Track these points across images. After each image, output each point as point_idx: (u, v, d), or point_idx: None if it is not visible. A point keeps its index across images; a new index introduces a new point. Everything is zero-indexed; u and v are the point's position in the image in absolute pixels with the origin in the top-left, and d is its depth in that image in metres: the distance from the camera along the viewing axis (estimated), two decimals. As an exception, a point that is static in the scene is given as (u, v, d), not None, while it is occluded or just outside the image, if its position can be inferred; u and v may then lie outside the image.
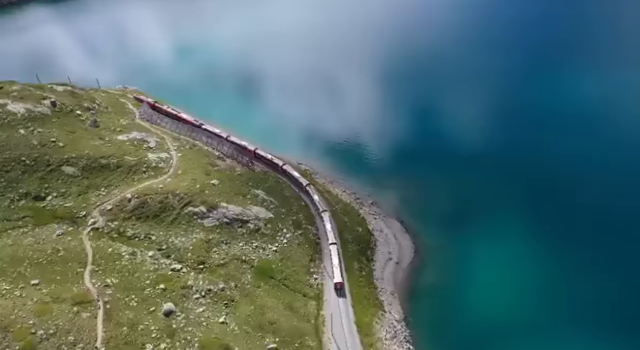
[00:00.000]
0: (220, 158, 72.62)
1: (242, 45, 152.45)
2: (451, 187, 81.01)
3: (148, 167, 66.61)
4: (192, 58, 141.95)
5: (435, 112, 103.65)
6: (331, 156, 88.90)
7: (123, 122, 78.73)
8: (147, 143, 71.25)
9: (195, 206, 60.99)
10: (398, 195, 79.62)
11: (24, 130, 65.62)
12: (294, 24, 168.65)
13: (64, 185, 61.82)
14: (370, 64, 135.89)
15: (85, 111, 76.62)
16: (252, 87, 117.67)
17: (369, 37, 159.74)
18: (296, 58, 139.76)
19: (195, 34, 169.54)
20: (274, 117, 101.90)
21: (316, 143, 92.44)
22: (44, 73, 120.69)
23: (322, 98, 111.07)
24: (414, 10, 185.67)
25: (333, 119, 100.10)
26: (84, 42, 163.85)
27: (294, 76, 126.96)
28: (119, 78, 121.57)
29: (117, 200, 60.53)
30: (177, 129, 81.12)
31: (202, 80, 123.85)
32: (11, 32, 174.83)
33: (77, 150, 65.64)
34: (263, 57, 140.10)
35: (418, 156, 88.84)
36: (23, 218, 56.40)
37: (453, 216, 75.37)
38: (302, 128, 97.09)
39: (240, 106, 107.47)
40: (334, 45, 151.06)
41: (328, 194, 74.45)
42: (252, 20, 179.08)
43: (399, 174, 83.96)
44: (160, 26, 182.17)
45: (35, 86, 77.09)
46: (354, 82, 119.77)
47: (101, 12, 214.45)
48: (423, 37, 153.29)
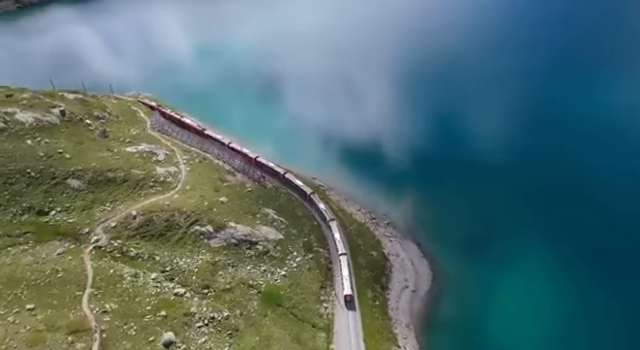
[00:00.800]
0: (230, 173, 70.27)
1: (262, 48, 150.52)
2: (473, 204, 77.33)
3: (156, 182, 64.60)
4: (210, 62, 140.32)
5: (456, 120, 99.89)
6: (347, 169, 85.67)
7: (133, 132, 77.10)
8: (156, 156, 69.32)
9: (202, 225, 58.66)
10: (416, 214, 76.13)
11: (31, 140, 64.29)
12: (315, 25, 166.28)
13: (69, 199, 60.14)
14: (390, 67, 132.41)
15: (95, 120, 75.21)
16: (270, 93, 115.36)
17: (390, 38, 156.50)
18: (315, 61, 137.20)
19: (215, 37, 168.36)
20: (290, 127, 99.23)
21: (332, 155, 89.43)
22: (60, 77, 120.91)
23: (340, 105, 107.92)
24: (435, 11, 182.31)
25: (350, 128, 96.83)
26: (102, 45, 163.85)
27: (313, 80, 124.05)
28: (135, 82, 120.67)
29: (122, 217, 58.56)
30: (188, 140, 79.23)
31: (219, 85, 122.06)
32: (32, 33, 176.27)
33: (84, 162, 64.02)
34: (283, 61, 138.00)
35: (438, 169, 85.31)
36: (25, 234, 54.71)
37: (474, 238, 71.68)
38: (318, 138, 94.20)
39: (256, 114, 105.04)
40: (354, 47, 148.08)
41: (342, 213, 71.41)
42: (274, 22, 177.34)
43: (417, 189, 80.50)
44: (180, 28, 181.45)
45: (46, 93, 76.03)
46: (373, 87, 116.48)
47: (121, 13, 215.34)
48: (445, 39, 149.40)
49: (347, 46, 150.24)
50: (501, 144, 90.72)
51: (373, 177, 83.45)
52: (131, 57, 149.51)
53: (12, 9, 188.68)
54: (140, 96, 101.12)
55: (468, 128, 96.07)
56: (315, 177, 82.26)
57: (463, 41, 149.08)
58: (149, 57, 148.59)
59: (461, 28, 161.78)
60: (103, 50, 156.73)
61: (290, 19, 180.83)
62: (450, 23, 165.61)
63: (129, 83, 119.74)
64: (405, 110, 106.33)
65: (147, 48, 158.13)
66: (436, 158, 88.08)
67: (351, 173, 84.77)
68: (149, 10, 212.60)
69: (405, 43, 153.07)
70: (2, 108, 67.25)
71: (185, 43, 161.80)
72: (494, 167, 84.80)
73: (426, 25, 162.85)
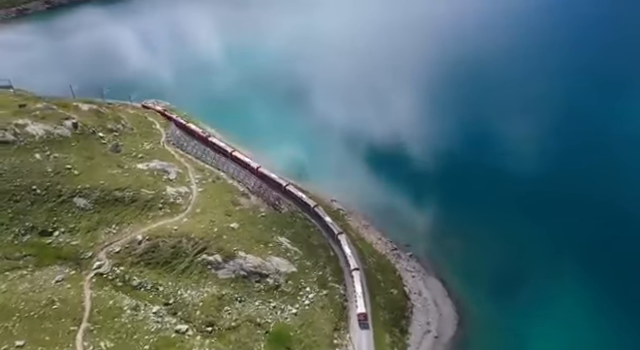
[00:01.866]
0: (244, 195, 67.00)
1: (287, 54, 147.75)
2: (505, 237, 71.75)
3: (165, 203, 61.87)
4: (233, 68, 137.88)
5: (490, 138, 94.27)
6: (368, 191, 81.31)
7: (147, 146, 74.85)
8: (167, 174, 66.73)
9: (210, 254, 55.45)
10: (441, 245, 71.03)
11: (40, 154, 62.58)
12: (342, 30, 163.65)
13: (74, 219, 57.95)
14: (418, 75, 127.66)
15: (108, 133, 73.33)
16: (292, 103, 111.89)
17: (418, 42, 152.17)
18: (341, 68, 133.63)
19: (240, 41, 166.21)
20: (311, 141, 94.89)
21: (353, 174, 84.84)
22: (82, 80, 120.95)
23: (364, 117, 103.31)
24: (467, 13, 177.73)
25: (374, 144, 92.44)
26: (126, 48, 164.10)
27: (337, 90, 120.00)
28: (156, 88, 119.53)
29: (127, 241, 55.96)
30: (203, 155, 76.48)
31: (239, 93, 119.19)
32: (59, 34, 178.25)
33: (92, 179, 61.84)
34: (308, 67, 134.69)
35: (468, 194, 79.56)
36: (25, 257, 52.69)
37: (506, 276, 66.23)
38: (340, 155, 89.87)
39: (275, 125, 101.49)
40: (381, 52, 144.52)
41: (361, 242, 67.19)
42: (300, 27, 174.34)
43: (444, 216, 75.22)
44: (205, 32, 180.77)
45: (60, 104, 74.69)
46: (400, 97, 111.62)
47: (149, 14, 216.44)
48: (476, 42, 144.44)
49: (373, 51, 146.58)
50: (540, 168, 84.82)
51: (396, 200, 78.63)
52: (154, 61, 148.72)
53: (42, 9, 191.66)
54: (158, 105, 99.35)
55: (503, 148, 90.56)
56: (334, 199, 78.40)
57: (495, 44, 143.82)
58: (173, 62, 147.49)
59: (493, 29, 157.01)
60: (127, 53, 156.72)
61: (317, 24, 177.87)
62: (481, 25, 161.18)
63: (150, 89, 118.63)
64: (434, 124, 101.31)
65: (172, 52, 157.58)
66: (466, 182, 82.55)
67: (372, 195, 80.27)
68: (176, 12, 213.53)
69: (434, 47, 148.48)
70: (14, 119, 65.96)
71: (209, 47, 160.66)
72: (531, 196, 78.94)
73: (456, 27, 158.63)
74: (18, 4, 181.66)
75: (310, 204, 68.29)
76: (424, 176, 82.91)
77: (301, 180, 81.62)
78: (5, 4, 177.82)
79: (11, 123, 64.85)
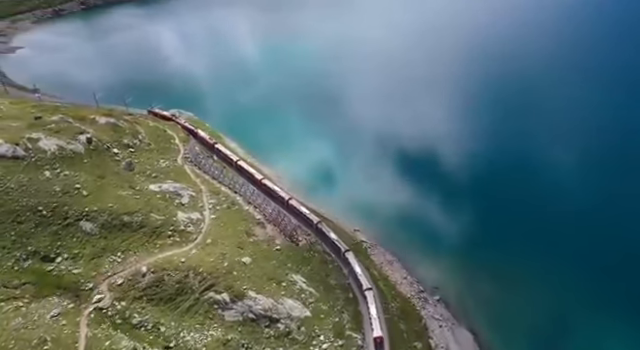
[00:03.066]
0: (260, 224, 63.03)
1: (323, 59, 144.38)
2: (548, 282, 65.22)
3: (175, 230, 58.60)
4: (265, 76, 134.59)
5: (534, 163, 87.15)
6: (396, 222, 75.63)
7: (162, 164, 72.14)
8: (180, 197, 63.54)
9: (218, 292, 51.69)
10: (474, 289, 64.89)
11: (50, 172, 60.44)
12: (378, 32, 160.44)
13: (78, 245, 55.33)
14: (456, 86, 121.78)
15: (124, 149, 71.00)
16: (323, 116, 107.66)
17: (458, 45, 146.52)
18: (378, 76, 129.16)
19: (275, 46, 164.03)
20: (338, 162, 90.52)
21: (381, 202, 79.40)
22: (109, 85, 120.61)
23: (396, 135, 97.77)
24: (515, 9, 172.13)
25: (404, 170, 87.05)
26: (157, 51, 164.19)
27: (373, 99, 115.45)
28: (183, 96, 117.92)
29: (131, 272, 52.88)
30: (220, 176, 73.08)
31: (269, 105, 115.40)
32: (93, 36, 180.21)
33: (101, 201, 59.20)
34: (343, 72, 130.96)
35: (506, 230, 73.04)
36: (24, 285, 50.20)
37: (548, 330, 59.87)
38: (368, 179, 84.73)
39: (301, 142, 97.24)
40: (418, 59, 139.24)
41: (384, 282, 62.16)
42: (336, 28, 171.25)
43: (479, 254, 69.06)
44: (239, 36, 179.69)
45: (77, 116, 72.93)
46: (436, 109, 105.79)
47: (182, 16, 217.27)
48: (522, 41, 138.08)
49: (408, 55, 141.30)
50: (593, 202, 77.60)
51: (425, 233, 73.18)
52: (184, 66, 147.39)
53: (77, 10, 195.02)
54: (181, 117, 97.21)
55: (548, 176, 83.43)
56: (358, 229, 73.61)
57: (537, 43, 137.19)
58: (202, 67, 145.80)
59: (536, 26, 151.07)
60: (157, 57, 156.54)
61: (350, 24, 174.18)
62: (524, 22, 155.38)
63: (176, 97, 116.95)
64: (470, 145, 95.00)
65: (202, 56, 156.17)
66: (505, 216, 76.11)
67: (400, 227, 74.84)
68: (209, 14, 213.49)
69: (474, 50, 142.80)
70: (28, 132, 64.31)
71: (241, 53, 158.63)
72: (581, 234, 71.77)
73: (496, 26, 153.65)
74: (54, 5, 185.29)
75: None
76: (457, 207, 76.76)
77: (325, 207, 77.40)
78: (42, 4, 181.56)
79: (24, 137, 63.13)
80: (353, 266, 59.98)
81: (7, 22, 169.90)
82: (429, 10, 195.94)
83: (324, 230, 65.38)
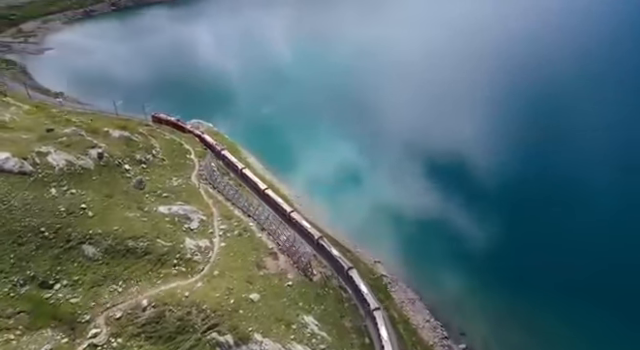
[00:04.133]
0: (272, 254, 59.08)
1: (357, 65, 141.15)
2: (589, 334, 59.08)
3: (181, 258, 55.32)
4: (295, 83, 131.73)
5: (577, 194, 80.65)
6: (420, 254, 70.92)
7: (174, 182, 69.24)
8: (189, 222, 60.28)
9: (221, 333, 47.88)
10: (504, 338, 59.26)
11: (56, 189, 58.24)
12: (419, 35, 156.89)
13: (79, 270, 52.68)
14: (493, 90, 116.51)
15: (135, 165, 68.46)
16: (352, 129, 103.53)
17: (503, 50, 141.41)
18: (414, 82, 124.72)
19: (309, 50, 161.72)
20: (363, 182, 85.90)
21: (405, 230, 74.44)
22: (131, 91, 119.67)
23: (429, 152, 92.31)
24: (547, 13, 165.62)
25: (433, 194, 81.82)
26: (184, 55, 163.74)
27: (407, 111, 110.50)
28: (205, 103, 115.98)
29: (131, 305, 49.73)
30: (235, 197, 69.65)
31: (294, 115, 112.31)
32: (122, 38, 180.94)
33: (106, 224, 56.54)
34: (376, 80, 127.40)
35: (542, 271, 66.84)
36: (18, 313, 47.72)
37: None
38: (394, 206, 79.54)
39: (327, 158, 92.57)
40: (459, 61, 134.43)
41: (404, 325, 57.20)
42: (376, 31, 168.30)
43: (511, 298, 63.19)
44: (271, 39, 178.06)
45: (91, 128, 70.95)
46: (477, 121, 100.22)
47: (214, 17, 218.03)
48: (572, 48, 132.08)
49: (440, 62, 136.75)
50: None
51: (451, 270, 67.78)
52: (210, 72, 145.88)
53: (107, 11, 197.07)
54: (200, 127, 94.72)
55: (595, 212, 76.90)
56: (378, 260, 68.94)
57: (585, 49, 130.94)
58: (230, 72, 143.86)
59: (569, 33, 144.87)
60: (184, 61, 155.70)
61: (385, 29, 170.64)
62: (571, 28, 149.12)
63: (198, 104, 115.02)
64: (509, 163, 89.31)
65: (229, 60, 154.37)
66: (543, 256, 69.67)
67: (423, 260, 69.79)
68: (241, 15, 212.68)
69: (507, 54, 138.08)
70: (37, 146, 62.47)
71: (268, 58, 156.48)
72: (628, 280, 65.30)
73: (541, 31, 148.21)
74: (85, 5, 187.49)
75: (315, 235, 60.26)
76: (489, 242, 71.06)
77: (344, 233, 73.14)
78: (73, 5, 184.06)
79: (33, 151, 61.27)
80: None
81: (38, 22, 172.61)
82: (461, 12, 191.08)
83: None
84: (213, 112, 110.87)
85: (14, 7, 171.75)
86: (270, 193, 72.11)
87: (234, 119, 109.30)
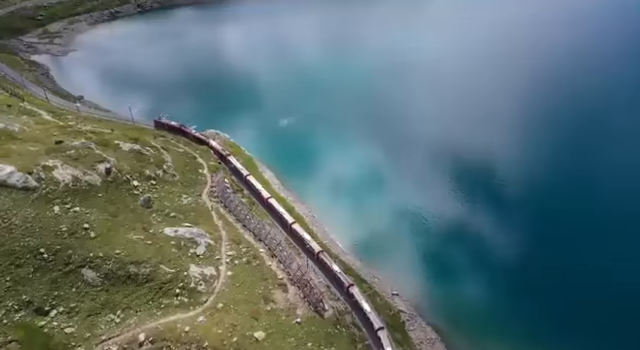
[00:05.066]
0: (282, 286, 55.47)
1: (388, 73, 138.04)
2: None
3: (184, 288, 52.32)
4: (321, 92, 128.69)
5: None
6: (442, 285, 66.19)
7: (184, 200, 66.49)
8: (195, 246, 57.27)
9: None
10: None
11: (59, 207, 56.05)
12: (451, 40, 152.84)
13: (77, 296, 50.24)
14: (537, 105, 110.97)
15: (145, 181, 66.00)
16: (380, 144, 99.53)
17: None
18: (450, 94, 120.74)
19: (339, 57, 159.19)
20: (387, 204, 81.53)
21: (429, 260, 69.93)
22: (150, 97, 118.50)
23: (463, 176, 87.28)
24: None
25: (462, 221, 76.97)
26: (208, 58, 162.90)
27: (440, 127, 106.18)
28: (224, 111, 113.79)
29: (127, 339, 46.98)
30: (247, 216, 66.41)
31: (319, 126, 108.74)
32: (145, 40, 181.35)
33: (108, 246, 54.06)
34: (408, 91, 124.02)
35: (583, 315, 61.59)
36: (9, 343, 45.36)
37: None
38: (417, 232, 75.31)
39: (351, 175, 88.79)
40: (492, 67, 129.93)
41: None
42: (409, 38, 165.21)
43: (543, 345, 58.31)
44: (299, 44, 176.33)
45: (101, 141, 68.80)
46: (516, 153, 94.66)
47: (240, 19, 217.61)
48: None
49: (478, 70, 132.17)
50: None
51: (476, 306, 62.98)
52: (232, 77, 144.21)
53: (133, 12, 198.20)
54: (216, 138, 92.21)
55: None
56: (396, 293, 64.67)
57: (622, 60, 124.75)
58: (251, 79, 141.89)
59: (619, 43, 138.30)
60: (207, 65, 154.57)
61: (418, 36, 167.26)
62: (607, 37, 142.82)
63: (217, 112, 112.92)
64: (552, 189, 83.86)
65: (254, 66, 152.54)
66: (580, 296, 64.23)
67: (446, 293, 65.11)
68: (269, 18, 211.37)
69: (551, 64, 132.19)
70: (44, 159, 60.56)
71: (295, 63, 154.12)
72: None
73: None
74: (111, 7, 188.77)
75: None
76: (521, 273, 66.14)
77: (362, 260, 69.16)
78: (99, 6, 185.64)
79: (39, 164, 59.35)
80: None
81: (65, 23, 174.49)
82: (502, 16, 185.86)
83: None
84: (232, 122, 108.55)
85: (42, 7, 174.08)
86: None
87: (253, 130, 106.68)
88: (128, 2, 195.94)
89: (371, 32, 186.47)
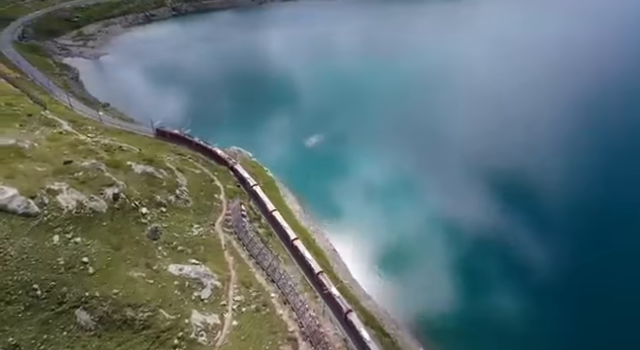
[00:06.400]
0: (292, 340, 50.11)
1: (432, 86, 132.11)
2: None
3: (183, 338, 47.73)
4: (361, 106, 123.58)
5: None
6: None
7: (195, 231, 62.24)
8: (200, 289, 52.75)
9: None
10: None
11: (59, 237, 52.72)
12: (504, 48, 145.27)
13: (67, 341, 46.42)
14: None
15: (154, 207, 62.18)
16: (422, 169, 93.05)
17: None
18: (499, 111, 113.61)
19: (381, 66, 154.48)
20: (423, 241, 75.11)
21: (464, 315, 63.33)
22: (173, 108, 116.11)
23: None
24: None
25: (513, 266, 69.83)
26: (240, 66, 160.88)
27: (497, 148, 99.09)
28: (250, 127, 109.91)
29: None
30: (261, 253, 61.51)
31: (353, 145, 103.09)
32: (179, 45, 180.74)
33: (106, 284, 50.24)
34: (453, 107, 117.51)
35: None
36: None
37: None
38: (454, 274, 68.71)
39: (386, 205, 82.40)
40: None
41: None
42: (455, 48, 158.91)
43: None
44: (336, 52, 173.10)
45: (112, 162, 65.48)
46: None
47: (277, 24, 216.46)
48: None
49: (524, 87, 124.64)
50: None
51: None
52: (264, 87, 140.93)
53: (168, 16, 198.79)
54: (237, 156, 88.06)
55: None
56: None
57: None
58: (283, 89, 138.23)
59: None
60: (239, 73, 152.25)
61: (462, 45, 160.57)
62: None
63: (242, 128, 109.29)
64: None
65: (287, 76, 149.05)
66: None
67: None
68: (307, 23, 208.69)
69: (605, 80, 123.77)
70: (50, 182, 57.59)
71: (332, 74, 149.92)
72: None
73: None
74: (147, 9, 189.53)
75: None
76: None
77: (386, 308, 63.00)
78: (135, 9, 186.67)
79: (44, 187, 56.41)
80: None
81: (100, 25, 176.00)
82: (549, 31, 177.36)
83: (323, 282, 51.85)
84: (256, 137, 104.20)
85: (79, 9, 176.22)
86: (299, 245, 63.13)
87: (278, 147, 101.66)
88: (164, 5, 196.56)
89: (414, 39, 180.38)
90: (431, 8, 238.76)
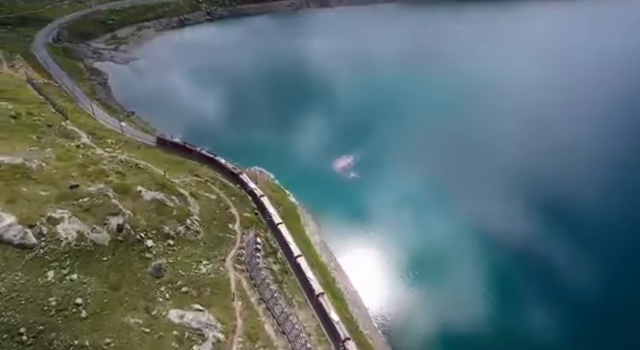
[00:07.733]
0: (299, 410, 44.40)
1: (486, 104, 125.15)
2: None
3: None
4: (397, 124, 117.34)
5: None
6: None
7: (202, 269, 57.60)
8: (200, 341, 47.80)
9: None
10: None
11: (54, 272, 49.14)
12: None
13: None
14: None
15: (161, 240, 58.00)
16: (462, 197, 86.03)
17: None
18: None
19: (425, 83, 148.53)
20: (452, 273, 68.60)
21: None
22: (199, 119, 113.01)
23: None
24: None
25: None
26: (270, 77, 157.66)
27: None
28: (276, 146, 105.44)
29: None
30: (274, 296, 56.31)
31: (385, 168, 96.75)
32: (212, 51, 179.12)
33: (98, 332, 46.06)
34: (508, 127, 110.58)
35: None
36: None
37: None
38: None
39: (420, 240, 76.07)
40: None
41: None
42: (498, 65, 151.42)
43: None
44: (377, 66, 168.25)
45: (121, 187, 61.75)
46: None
47: (318, 30, 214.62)
48: None
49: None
50: None
51: None
52: (294, 101, 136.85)
53: (202, 20, 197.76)
54: (256, 178, 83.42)
55: None
56: None
57: None
58: (316, 105, 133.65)
59: None
60: (267, 84, 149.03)
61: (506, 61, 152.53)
62: None
63: (267, 147, 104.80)
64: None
65: (321, 90, 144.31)
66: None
67: None
68: (345, 34, 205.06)
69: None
70: (52, 209, 54.34)
71: (369, 90, 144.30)
72: None
73: None
74: (181, 14, 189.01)
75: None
76: None
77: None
78: (170, 12, 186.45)
79: (44, 215, 53.13)
80: None
81: (133, 28, 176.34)
82: (601, 43, 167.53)
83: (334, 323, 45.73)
84: (281, 157, 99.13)
85: (114, 12, 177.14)
86: (314, 283, 57.62)
87: (304, 169, 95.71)
88: (199, 9, 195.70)
89: (462, 49, 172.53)
90: (479, 16, 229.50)
